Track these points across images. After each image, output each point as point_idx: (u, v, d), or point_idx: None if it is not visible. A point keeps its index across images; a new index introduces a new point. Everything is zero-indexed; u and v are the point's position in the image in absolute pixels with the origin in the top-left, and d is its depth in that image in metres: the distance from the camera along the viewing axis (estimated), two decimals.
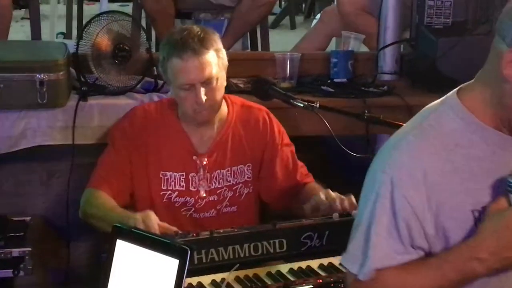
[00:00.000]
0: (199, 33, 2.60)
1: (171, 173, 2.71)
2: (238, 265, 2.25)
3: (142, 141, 2.72)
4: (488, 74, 1.68)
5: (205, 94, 2.59)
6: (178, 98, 2.67)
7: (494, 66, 1.63)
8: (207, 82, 2.60)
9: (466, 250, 1.62)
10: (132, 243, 1.49)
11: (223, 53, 2.66)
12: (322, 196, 2.53)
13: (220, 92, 2.68)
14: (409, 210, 1.67)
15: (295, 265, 2.38)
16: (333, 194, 2.53)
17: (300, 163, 2.85)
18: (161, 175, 2.70)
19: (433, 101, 1.77)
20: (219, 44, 2.65)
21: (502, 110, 1.65)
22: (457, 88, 1.74)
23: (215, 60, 2.61)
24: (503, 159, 1.67)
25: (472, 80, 1.74)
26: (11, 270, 2.65)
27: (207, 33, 2.64)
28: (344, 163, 2.99)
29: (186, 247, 1.41)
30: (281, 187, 2.81)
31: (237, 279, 2.27)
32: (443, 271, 1.65)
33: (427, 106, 1.78)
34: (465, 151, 1.68)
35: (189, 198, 2.71)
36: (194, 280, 2.22)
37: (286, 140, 2.85)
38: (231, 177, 2.76)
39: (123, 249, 1.51)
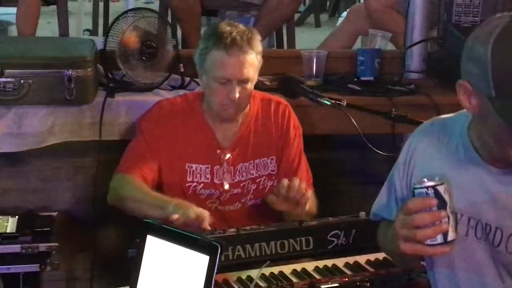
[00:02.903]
0: (246, 32, 2.63)
1: (196, 165, 2.73)
2: (268, 262, 2.24)
3: (169, 133, 2.73)
4: None
5: (239, 92, 2.60)
6: (210, 90, 2.68)
7: None
8: (244, 81, 2.62)
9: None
10: (162, 238, 1.50)
11: (261, 56, 2.67)
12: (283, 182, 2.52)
13: (250, 93, 2.70)
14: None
15: (321, 263, 2.37)
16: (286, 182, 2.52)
17: (305, 166, 2.83)
18: (187, 167, 2.72)
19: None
20: (260, 47, 2.67)
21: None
22: None
23: (256, 62, 2.64)
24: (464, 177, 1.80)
25: None
26: (38, 264, 2.65)
27: (254, 33, 2.66)
28: (369, 162, 2.98)
29: (217, 243, 1.42)
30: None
31: (263, 276, 2.26)
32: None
33: (460, 113, 1.87)
34: (446, 151, 1.85)
35: (214, 190, 2.72)
36: (220, 277, 2.21)
37: (298, 134, 2.84)
38: (254, 170, 2.77)
39: (153, 244, 1.52)
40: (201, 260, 1.43)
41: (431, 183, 1.64)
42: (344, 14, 4.88)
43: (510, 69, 1.58)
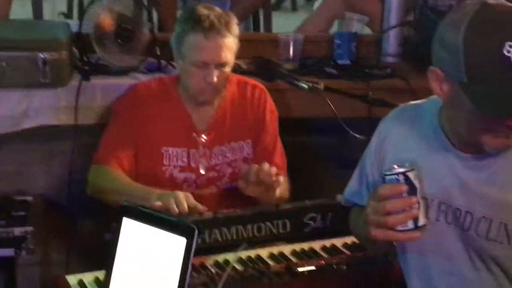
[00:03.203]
0: (224, 15, 2.64)
1: (172, 148, 2.73)
2: (245, 244, 2.25)
3: (144, 116, 2.73)
4: None
5: (216, 76, 2.61)
6: (187, 73, 2.68)
7: None
8: (222, 65, 2.63)
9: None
10: (139, 221, 1.50)
11: (238, 40, 2.67)
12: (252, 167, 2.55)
13: (227, 77, 2.71)
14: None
15: (298, 247, 2.40)
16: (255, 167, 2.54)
17: (280, 151, 2.84)
18: (163, 151, 2.72)
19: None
20: (238, 31, 2.68)
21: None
22: None
23: (233, 46, 2.65)
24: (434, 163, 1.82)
25: None
26: (13, 249, 2.66)
27: (231, 17, 2.67)
28: (346, 145, 2.98)
29: (194, 226, 1.42)
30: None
31: (240, 260, 2.28)
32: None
33: (432, 98, 1.89)
34: (417, 137, 1.88)
35: (190, 173, 2.72)
36: (196, 261, 2.22)
37: (274, 118, 2.85)
38: (230, 153, 2.78)
39: (130, 227, 1.51)
40: (178, 243, 1.42)
41: (401, 170, 1.65)
42: None
43: (481, 55, 1.59)
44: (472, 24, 1.60)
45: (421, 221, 1.65)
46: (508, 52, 1.56)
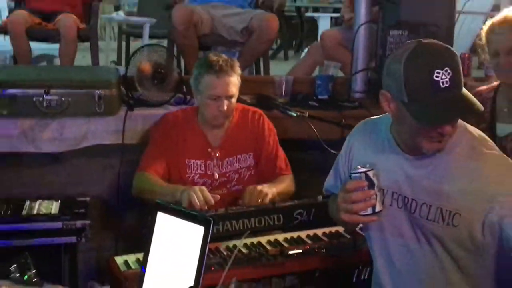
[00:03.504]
0: (229, 60, 2.65)
1: (194, 160, 2.72)
2: (248, 232, 2.23)
3: (173, 138, 2.73)
4: None
5: (226, 105, 2.62)
6: (204, 105, 2.68)
7: None
8: (230, 97, 2.64)
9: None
10: (168, 214, 1.50)
11: (239, 78, 2.68)
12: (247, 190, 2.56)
13: (233, 106, 2.71)
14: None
15: (289, 235, 2.38)
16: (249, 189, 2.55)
17: (283, 156, 2.82)
18: (186, 162, 2.72)
19: None
20: (240, 71, 2.69)
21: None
22: None
23: (237, 82, 2.66)
24: (388, 163, 1.81)
25: None
26: (75, 237, 2.66)
27: (234, 61, 2.69)
28: (325, 159, 2.98)
29: (210, 218, 1.42)
30: (262, 170, 2.80)
31: (245, 245, 2.28)
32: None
33: (385, 115, 1.88)
34: (375, 144, 1.87)
35: (206, 179, 2.71)
36: (212, 246, 2.22)
37: (272, 134, 2.83)
38: (236, 163, 2.77)
39: (162, 219, 1.51)
40: (198, 231, 1.43)
41: (363, 170, 1.67)
42: (306, 50, 4.88)
43: (417, 81, 1.61)
44: (410, 57, 1.62)
45: (378, 208, 1.68)
46: (437, 77, 1.58)
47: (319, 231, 2.41)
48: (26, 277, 1.88)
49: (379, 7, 3.29)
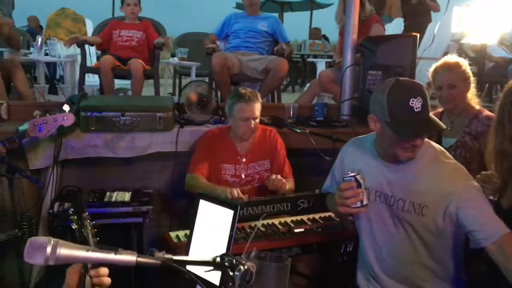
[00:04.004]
0: (254, 92, 2.66)
1: (227, 165, 2.71)
2: (265, 214, 2.25)
3: (213, 147, 2.72)
4: None
5: (253, 125, 2.63)
6: (237, 125, 2.67)
7: None
8: (255, 118, 2.64)
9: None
10: (208, 201, 1.50)
11: (261, 104, 2.69)
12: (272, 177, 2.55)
13: (257, 125, 2.70)
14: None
15: (294, 218, 2.37)
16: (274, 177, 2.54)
17: (287, 164, 2.80)
18: (221, 166, 2.71)
19: (370, 131, 1.86)
20: (261, 100, 2.69)
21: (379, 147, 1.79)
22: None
23: (260, 107, 2.66)
24: (372, 169, 1.79)
25: None
26: (141, 218, 2.66)
27: (257, 93, 2.69)
28: (320, 163, 2.96)
29: (238, 204, 1.43)
30: (274, 173, 2.73)
31: (262, 225, 2.27)
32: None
33: (370, 133, 1.87)
34: (362, 155, 1.86)
35: (236, 178, 2.70)
36: (238, 224, 2.18)
37: (282, 148, 2.82)
38: (258, 167, 2.75)
39: (203, 205, 1.52)
40: (228, 214, 1.44)
41: (352, 174, 1.66)
42: (307, 85, 4.87)
43: (397, 106, 1.62)
44: (391, 89, 1.63)
45: (365, 201, 1.66)
46: (412, 103, 1.59)
47: (316, 215, 2.39)
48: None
49: (360, 54, 3.28)
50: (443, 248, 1.73)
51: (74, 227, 1.71)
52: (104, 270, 1.07)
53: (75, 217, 1.72)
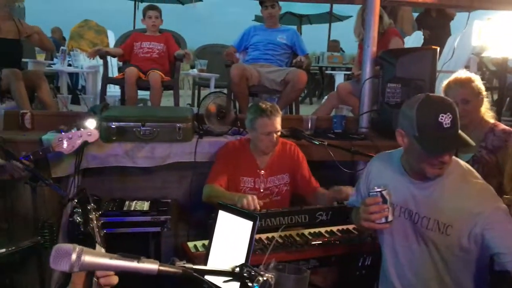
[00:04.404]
0: (274, 106, 2.66)
1: (246, 177, 2.71)
2: (284, 226, 2.24)
3: (233, 159, 2.72)
4: None
5: (275, 138, 2.63)
6: (259, 139, 2.66)
7: None
8: (277, 132, 2.64)
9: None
10: (227, 212, 1.51)
11: (281, 117, 2.69)
12: (337, 187, 2.51)
13: (278, 139, 2.69)
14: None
15: (312, 230, 2.36)
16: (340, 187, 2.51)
17: (313, 178, 2.80)
18: (240, 178, 2.70)
19: (389, 143, 1.90)
20: (281, 113, 2.69)
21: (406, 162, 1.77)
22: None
23: (280, 121, 2.66)
24: (398, 185, 1.77)
25: None
26: (159, 227, 2.67)
27: (277, 107, 2.69)
28: (339, 175, 2.95)
29: (256, 215, 1.43)
30: (302, 187, 2.77)
31: (280, 236, 2.27)
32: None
33: (398, 149, 1.86)
34: (389, 171, 1.84)
35: (255, 192, 2.69)
36: (257, 235, 2.19)
37: (305, 160, 2.82)
38: (277, 181, 2.74)
39: (222, 215, 1.52)
40: (247, 225, 1.44)
41: (378, 189, 1.65)
42: (326, 97, 4.88)
43: (426, 121, 1.61)
44: (421, 105, 1.63)
45: (389, 218, 1.65)
46: (441, 119, 1.58)
47: (334, 228, 2.38)
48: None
49: (380, 66, 3.27)
50: (464, 269, 1.70)
51: (78, 221, 1.63)
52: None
53: (79, 210, 1.63)
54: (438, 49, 3.16)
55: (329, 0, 8.84)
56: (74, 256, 0.95)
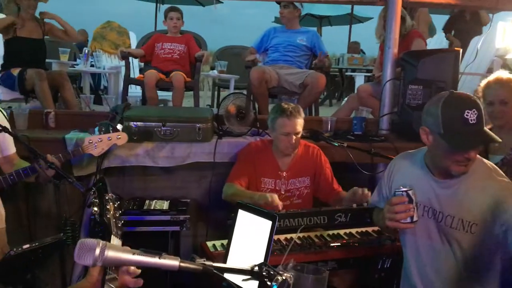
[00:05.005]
0: (296, 107, 2.65)
1: (267, 179, 2.71)
2: (302, 226, 2.23)
3: (254, 160, 2.72)
4: None
5: (294, 140, 2.62)
6: (278, 139, 2.66)
7: None
8: (297, 133, 2.63)
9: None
10: (246, 211, 1.51)
11: (303, 119, 2.68)
12: (355, 188, 2.48)
13: (299, 141, 2.69)
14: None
15: (331, 232, 2.35)
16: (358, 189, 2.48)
17: (335, 180, 2.78)
18: (261, 179, 2.70)
19: (409, 146, 1.91)
20: (303, 115, 2.68)
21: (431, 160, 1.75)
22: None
23: (302, 122, 2.64)
24: (421, 184, 1.76)
25: None
26: (179, 227, 2.68)
27: (300, 108, 2.68)
28: (359, 177, 2.93)
29: (276, 215, 1.42)
30: (325, 190, 2.75)
31: (298, 237, 2.26)
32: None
33: (421, 148, 1.86)
34: (412, 170, 1.82)
35: (276, 193, 2.65)
36: (275, 236, 2.19)
37: (328, 164, 2.81)
38: (298, 183, 2.73)
39: (241, 215, 1.52)
40: (266, 224, 1.43)
41: (404, 189, 1.64)
42: (345, 99, 4.86)
43: (452, 118, 1.61)
44: (445, 101, 1.63)
45: (415, 218, 1.64)
46: (467, 115, 1.58)
47: (353, 230, 2.37)
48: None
49: (401, 68, 3.25)
50: (487, 269, 1.68)
51: (94, 211, 1.58)
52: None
53: (96, 201, 1.57)
54: (461, 51, 3.12)
55: (350, 2, 8.79)
56: (97, 251, 0.97)
